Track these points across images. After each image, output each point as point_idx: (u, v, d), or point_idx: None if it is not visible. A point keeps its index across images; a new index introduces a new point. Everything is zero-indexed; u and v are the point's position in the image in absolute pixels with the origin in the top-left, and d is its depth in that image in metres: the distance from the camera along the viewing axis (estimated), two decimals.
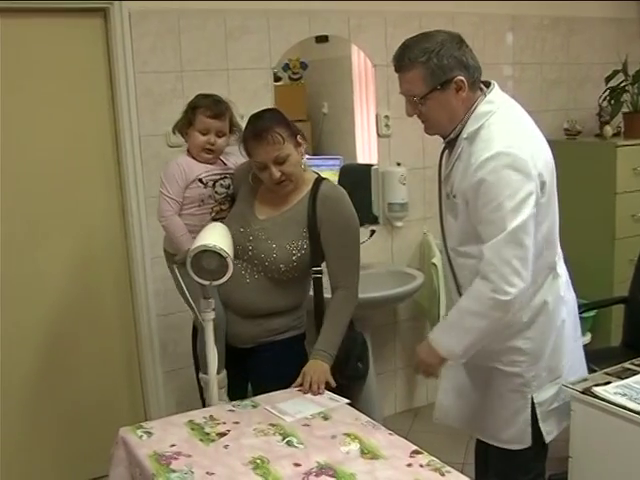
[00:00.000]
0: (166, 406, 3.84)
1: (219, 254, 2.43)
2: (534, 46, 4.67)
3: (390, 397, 4.50)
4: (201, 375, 2.87)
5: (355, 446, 2.21)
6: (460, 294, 2.54)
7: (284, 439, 2.27)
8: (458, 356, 2.47)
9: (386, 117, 4.17)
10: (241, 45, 3.74)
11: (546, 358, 2.56)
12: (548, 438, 2.61)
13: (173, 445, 2.26)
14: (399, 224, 4.28)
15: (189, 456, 2.18)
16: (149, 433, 2.35)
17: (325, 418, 2.41)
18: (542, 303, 2.53)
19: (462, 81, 2.35)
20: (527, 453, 2.59)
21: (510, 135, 2.35)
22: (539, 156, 2.38)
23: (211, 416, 2.46)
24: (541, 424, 2.57)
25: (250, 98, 3.74)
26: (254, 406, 2.54)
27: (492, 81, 2.50)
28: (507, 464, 2.67)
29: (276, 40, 3.82)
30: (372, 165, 4.29)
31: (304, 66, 4.04)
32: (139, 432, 2.36)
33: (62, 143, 3.54)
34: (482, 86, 2.47)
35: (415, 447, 2.20)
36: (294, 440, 2.25)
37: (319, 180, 2.83)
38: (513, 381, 2.56)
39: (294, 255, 2.73)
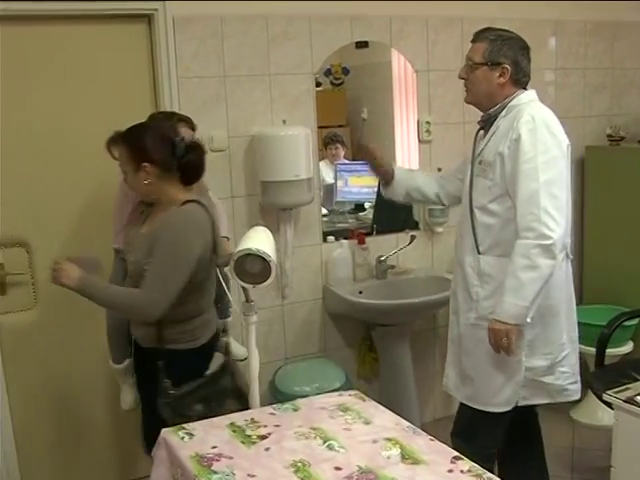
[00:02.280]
0: None
1: (262, 258, 2.44)
2: (577, 51, 4.62)
3: (429, 403, 4.48)
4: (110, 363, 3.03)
5: (396, 451, 2.20)
6: (479, 251, 2.84)
7: (325, 443, 2.27)
8: (525, 314, 2.67)
9: (427, 123, 4.16)
10: (283, 50, 3.76)
11: (543, 327, 2.81)
12: (521, 401, 2.88)
13: (214, 447, 2.27)
14: (439, 230, 4.27)
15: (230, 458, 2.19)
16: (191, 435, 2.37)
17: (366, 422, 2.41)
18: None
19: (507, 70, 2.79)
20: (497, 417, 2.86)
21: (546, 112, 2.78)
22: (565, 135, 2.77)
23: (252, 419, 2.47)
24: (523, 390, 2.85)
25: (292, 103, 3.75)
26: (295, 409, 2.54)
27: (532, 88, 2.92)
28: (475, 425, 2.97)
29: (318, 45, 3.83)
30: None
31: (346, 71, 4.05)
32: (181, 433, 2.38)
33: None
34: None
35: (456, 453, 2.19)
36: (335, 444, 2.25)
37: (185, 203, 2.66)
38: (492, 327, 2.74)
39: (144, 270, 2.62)
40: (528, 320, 2.70)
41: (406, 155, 4.37)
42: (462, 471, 2.07)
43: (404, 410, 3.06)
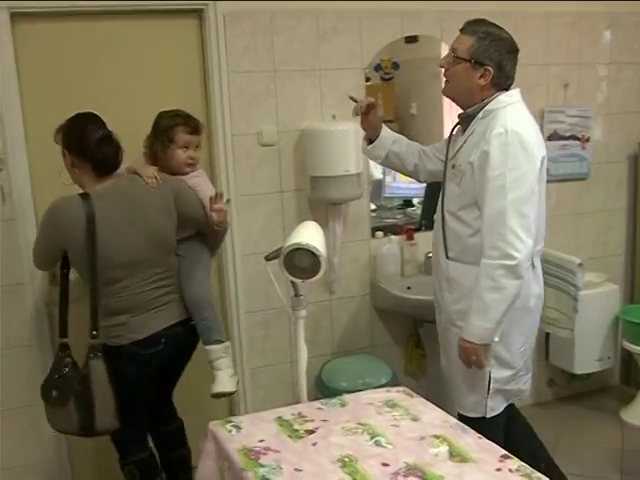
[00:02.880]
0: (252, 402, 3.88)
1: (312, 252, 2.44)
2: (632, 45, 4.52)
3: None
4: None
5: (444, 448, 2.20)
6: (448, 257, 2.85)
7: (372, 438, 2.27)
8: (491, 335, 2.69)
9: None
10: (333, 46, 3.75)
11: (509, 340, 2.80)
12: (490, 413, 2.87)
13: (262, 440, 2.29)
14: None
15: (277, 452, 2.21)
16: (238, 428, 2.39)
17: (414, 419, 2.41)
18: None
19: (489, 72, 2.70)
20: (481, 424, 2.72)
21: (521, 120, 2.69)
22: (541, 145, 2.71)
23: (300, 413, 2.48)
24: (489, 399, 2.85)
25: (341, 98, 3.73)
26: (342, 404, 2.55)
27: (516, 86, 2.83)
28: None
29: (368, 41, 3.82)
30: None
31: (396, 66, 4.02)
32: (228, 426, 2.41)
33: None
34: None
35: (504, 451, 2.17)
36: (382, 440, 2.26)
37: (81, 194, 2.89)
38: (462, 345, 2.76)
39: None
40: (496, 339, 2.72)
41: None
42: (510, 470, 2.06)
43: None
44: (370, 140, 3.23)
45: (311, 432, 2.33)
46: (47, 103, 3.38)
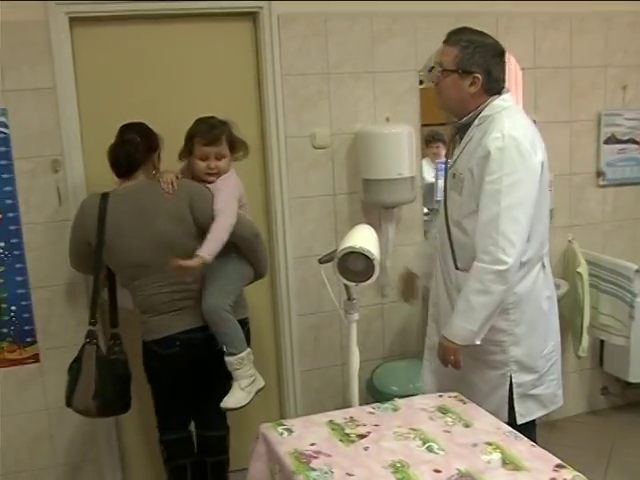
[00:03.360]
0: (302, 404, 3.89)
1: (365, 256, 2.43)
2: None
3: None
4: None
5: (497, 456, 2.16)
6: (457, 267, 2.81)
7: (424, 444, 2.24)
8: (473, 338, 2.68)
9: (533, 121, 4.04)
10: (387, 47, 3.74)
11: (527, 343, 2.80)
12: (520, 419, 2.82)
13: (313, 444, 2.27)
14: None
15: (329, 456, 2.19)
16: (289, 431, 2.38)
17: (466, 425, 2.38)
18: (527, 290, 2.76)
19: (478, 79, 2.69)
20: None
21: (517, 124, 2.68)
22: (539, 149, 2.71)
23: (351, 417, 2.46)
24: (516, 404, 2.81)
25: (395, 101, 3.73)
26: (394, 409, 2.53)
27: (508, 88, 2.83)
28: None
29: (422, 43, 3.79)
30: None
31: None
32: (280, 429, 2.39)
33: None
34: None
35: (559, 461, 2.13)
36: (435, 446, 2.23)
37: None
38: (493, 358, 2.81)
39: None
40: (477, 342, 2.70)
41: None
42: None
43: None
44: None
45: (363, 436, 2.31)
46: (103, 106, 3.43)
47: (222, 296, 3.06)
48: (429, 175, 4.20)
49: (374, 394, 3.63)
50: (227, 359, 3.05)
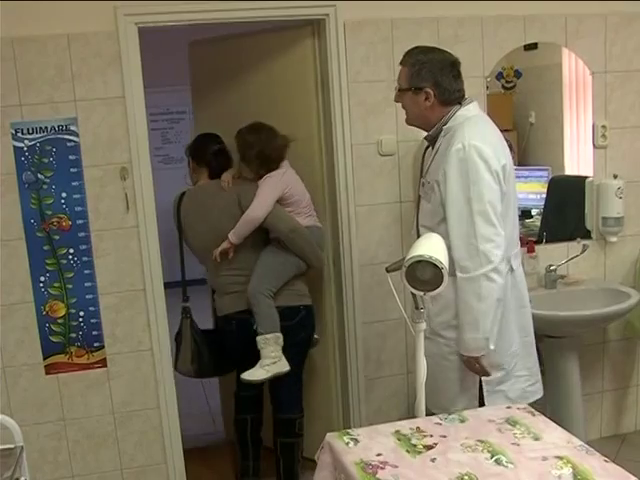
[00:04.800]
0: (366, 414, 3.86)
1: (434, 265, 2.40)
2: None
3: (596, 420, 4.29)
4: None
5: (568, 470, 2.11)
6: None
7: (492, 457, 2.20)
8: (486, 344, 2.81)
9: (603, 127, 3.97)
10: (454, 53, 3.68)
11: (496, 343, 2.86)
12: None
13: (379, 454, 2.25)
14: (613, 239, 4.06)
15: (395, 467, 2.17)
16: (355, 440, 2.36)
17: (535, 438, 2.32)
18: None
19: (430, 93, 2.88)
20: None
21: (479, 133, 2.83)
22: (501, 154, 2.83)
23: (418, 428, 2.43)
24: (486, 401, 2.93)
25: None
26: (462, 420, 2.49)
27: (472, 98, 3.00)
28: None
29: (489, 48, 3.74)
30: (584, 177, 4.10)
31: (518, 74, 3.94)
32: (346, 439, 2.38)
33: None
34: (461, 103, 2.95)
35: (634, 477, 2.07)
36: (503, 459, 2.18)
37: None
38: (463, 359, 2.90)
39: None
40: (492, 347, 2.84)
41: (575, 160, 4.22)
42: None
43: (569, 425, 2.95)
44: None
45: (430, 447, 2.28)
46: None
47: (260, 282, 3.49)
48: None
49: None
50: (257, 337, 3.45)
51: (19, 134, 3.28)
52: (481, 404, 2.94)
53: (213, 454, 4.33)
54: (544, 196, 4.11)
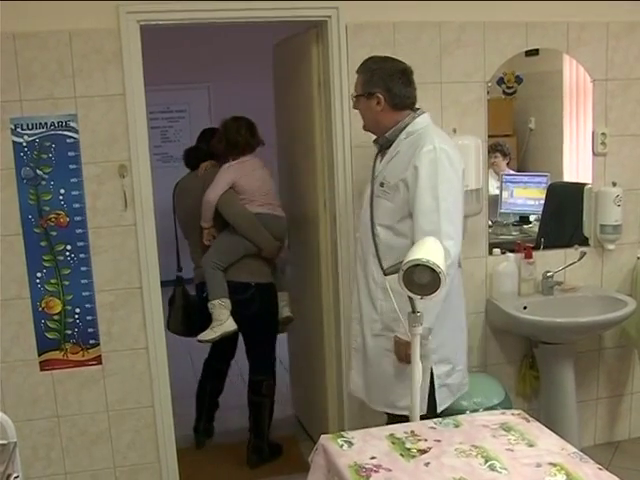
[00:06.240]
0: (361, 416, 3.84)
1: (432, 269, 2.39)
2: None
3: (590, 427, 4.28)
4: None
5: (561, 477, 2.11)
6: (381, 266, 3.01)
7: (486, 462, 2.20)
8: (428, 334, 2.92)
9: (603, 134, 3.97)
10: (455, 58, 3.69)
11: (445, 335, 3.07)
12: (440, 407, 3.09)
13: (373, 457, 2.25)
14: (611, 247, 4.06)
15: (389, 470, 2.17)
16: (350, 443, 2.36)
17: (530, 444, 2.32)
18: (449, 287, 2.88)
19: (380, 98, 3.03)
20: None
21: (445, 139, 3.08)
22: (460, 159, 3.06)
23: (412, 431, 2.43)
24: (437, 394, 3.08)
25: (462, 112, 3.69)
26: (456, 425, 2.48)
27: (424, 111, 3.14)
28: None
29: (491, 53, 3.74)
30: (582, 184, 4.10)
31: (519, 80, 3.94)
32: (340, 441, 2.38)
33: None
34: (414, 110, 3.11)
35: None
36: (497, 464, 2.18)
37: None
38: (396, 340, 3.01)
39: None
40: (430, 338, 2.97)
41: (574, 167, 4.23)
42: None
43: (563, 432, 2.94)
44: None
45: (424, 452, 2.28)
46: None
47: (210, 255, 4.01)
48: (491, 187, 4.17)
49: None
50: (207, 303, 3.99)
51: (19, 129, 3.27)
52: (431, 399, 3.07)
53: (206, 453, 4.32)
54: (542, 202, 4.10)
